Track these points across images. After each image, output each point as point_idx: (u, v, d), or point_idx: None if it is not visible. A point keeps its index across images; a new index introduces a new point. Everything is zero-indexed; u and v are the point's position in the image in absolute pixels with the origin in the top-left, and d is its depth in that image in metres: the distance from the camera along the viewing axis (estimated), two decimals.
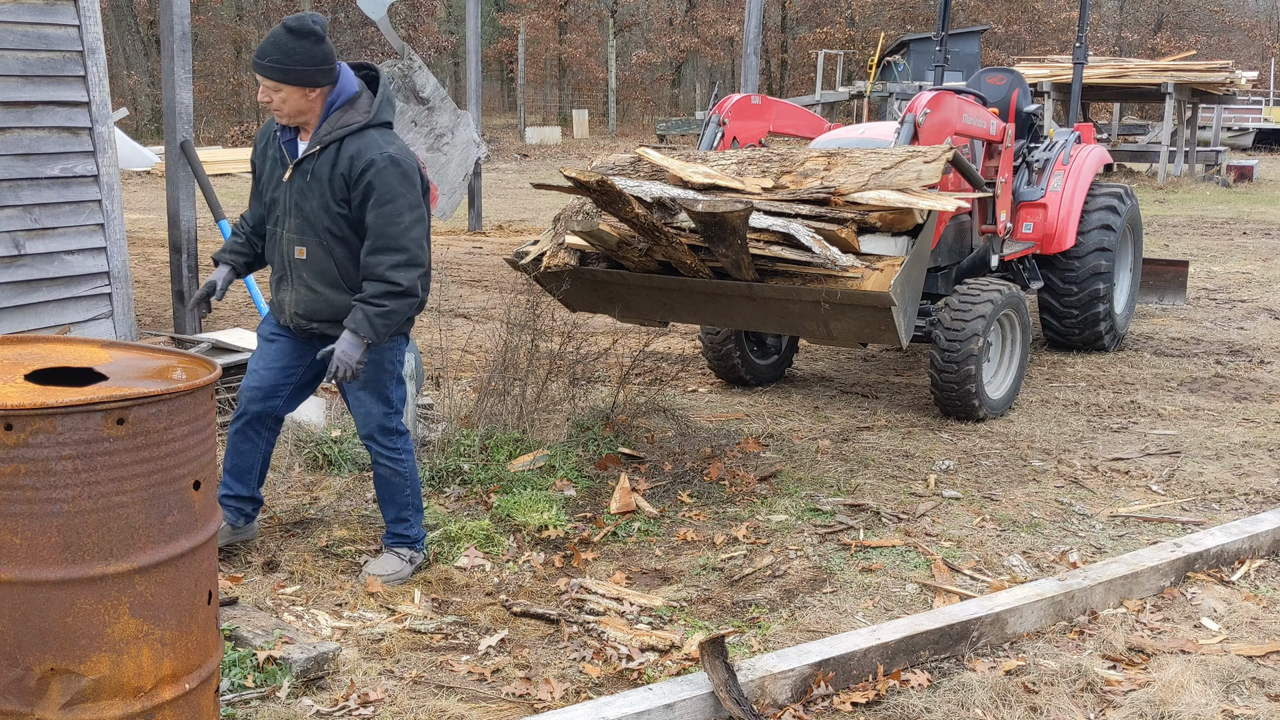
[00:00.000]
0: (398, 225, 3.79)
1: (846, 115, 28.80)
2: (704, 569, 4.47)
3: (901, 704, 3.43)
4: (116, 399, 2.44)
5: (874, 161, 5.47)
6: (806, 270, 5.24)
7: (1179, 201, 19.30)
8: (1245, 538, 4.56)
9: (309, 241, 3.94)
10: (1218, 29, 43.73)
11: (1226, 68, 21.89)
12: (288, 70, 3.71)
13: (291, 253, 3.98)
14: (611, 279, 5.81)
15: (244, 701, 3.32)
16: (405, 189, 3.80)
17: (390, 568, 4.24)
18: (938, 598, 4.15)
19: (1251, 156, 27.25)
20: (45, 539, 2.43)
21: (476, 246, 14.28)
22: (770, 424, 6.42)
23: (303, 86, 3.76)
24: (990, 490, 5.34)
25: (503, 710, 3.40)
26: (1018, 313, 6.57)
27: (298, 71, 3.71)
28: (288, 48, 3.68)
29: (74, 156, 6.38)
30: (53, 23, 6.21)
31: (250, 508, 4.40)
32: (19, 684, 2.47)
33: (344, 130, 3.80)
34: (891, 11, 39.18)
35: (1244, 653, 3.75)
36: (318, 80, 3.76)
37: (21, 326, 6.12)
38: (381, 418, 4.16)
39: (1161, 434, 6.25)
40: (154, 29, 35.23)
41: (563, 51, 43.90)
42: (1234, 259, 12.85)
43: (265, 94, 3.80)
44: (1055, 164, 7.77)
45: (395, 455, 4.21)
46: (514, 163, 28.11)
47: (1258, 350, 8.28)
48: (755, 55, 13.59)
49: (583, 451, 5.62)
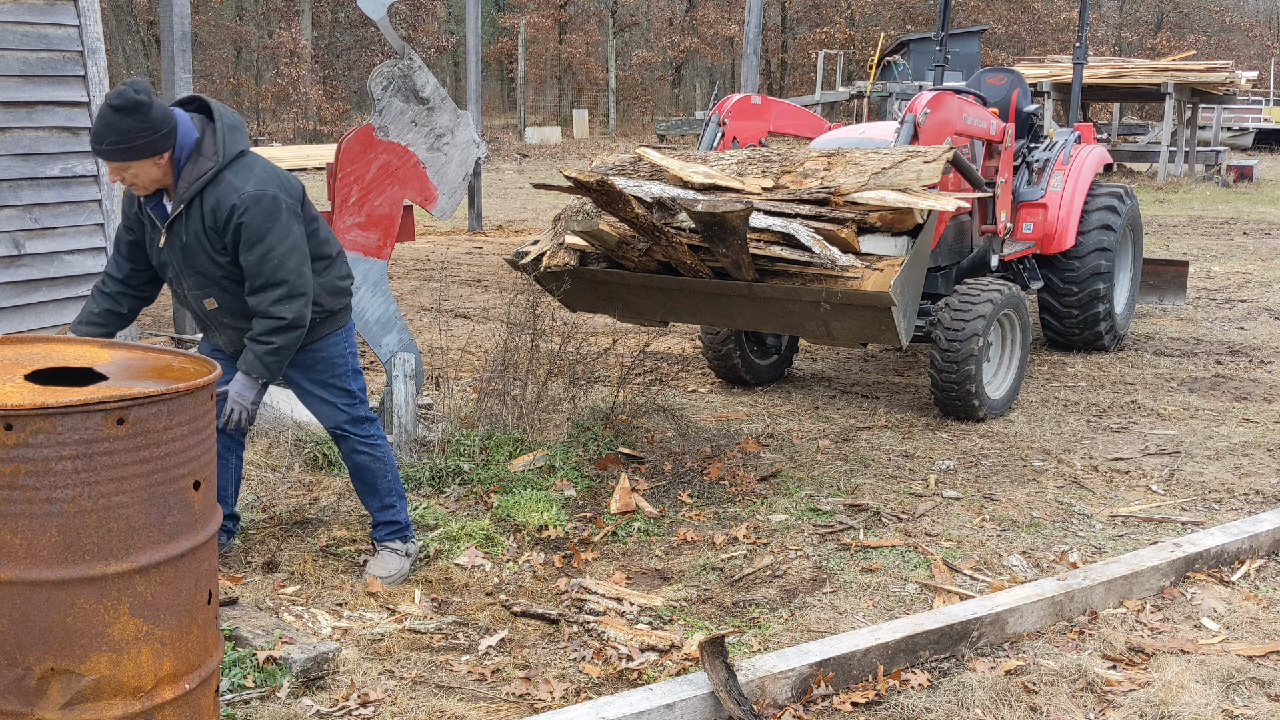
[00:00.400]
0: (270, 262, 3.71)
1: (846, 115, 28.81)
2: (704, 569, 4.47)
3: (901, 704, 3.43)
4: (116, 399, 2.44)
5: (874, 161, 5.47)
6: (806, 270, 5.24)
7: (1179, 201, 19.30)
8: (1245, 538, 4.56)
9: (213, 292, 3.89)
10: (1218, 29, 43.73)
11: (1226, 68, 21.89)
12: (129, 147, 3.58)
13: (202, 306, 3.95)
14: (611, 279, 5.81)
15: (244, 701, 3.32)
16: (271, 222, 3.71)
17: (391, 567, 4.25)
18: (938, 598, 4.15)
19: (1251, 156, 27.25)
20: (45, 539, 2.43)
21: (476, 246, 14.28)
22: (770, 424, 6.42)
23: (149, 157, 3.63)
24: (990, 490, 5.34)
25: (503, 710, 3.40)
26: (1018, 313, 6.57)
27: (139, 146, 3.58)
28: (121, 126, 3.54)
29: (74, 156, 6.39)
30: (53, 23, 6.21)
31: (231, 524, 4.41)
32: (19, 684, 2.47)
33: (200, 183, 3.69)
34: (891, 11, 39.19)
35: (1244, 653, 3.75)
36: (160, 147, 3.62)
37: (21, 326, 6.12)
38: (348, 409, 4.18)
39: (1161, 434, 6.25)
40: (154, 29, 35.25)
41: (563, 51, 43.91)
42: (1234, 259, 12.85)
43: (115, 174, 3.69)
44: (1055, 164, 7.77)
45: (370, 441, 4.23)
46: (514, 163, 28.11)
47: (1258, 350, 8.28)
48: (755, 55, 13.60)
49: (583, 451, 5.62)
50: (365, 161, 5.44)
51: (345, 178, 5.41)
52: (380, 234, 5.51)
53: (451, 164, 5.66)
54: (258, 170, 3.73)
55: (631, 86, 44.65)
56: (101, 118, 3.54)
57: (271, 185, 3.72)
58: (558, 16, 43.56)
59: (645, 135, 36.23)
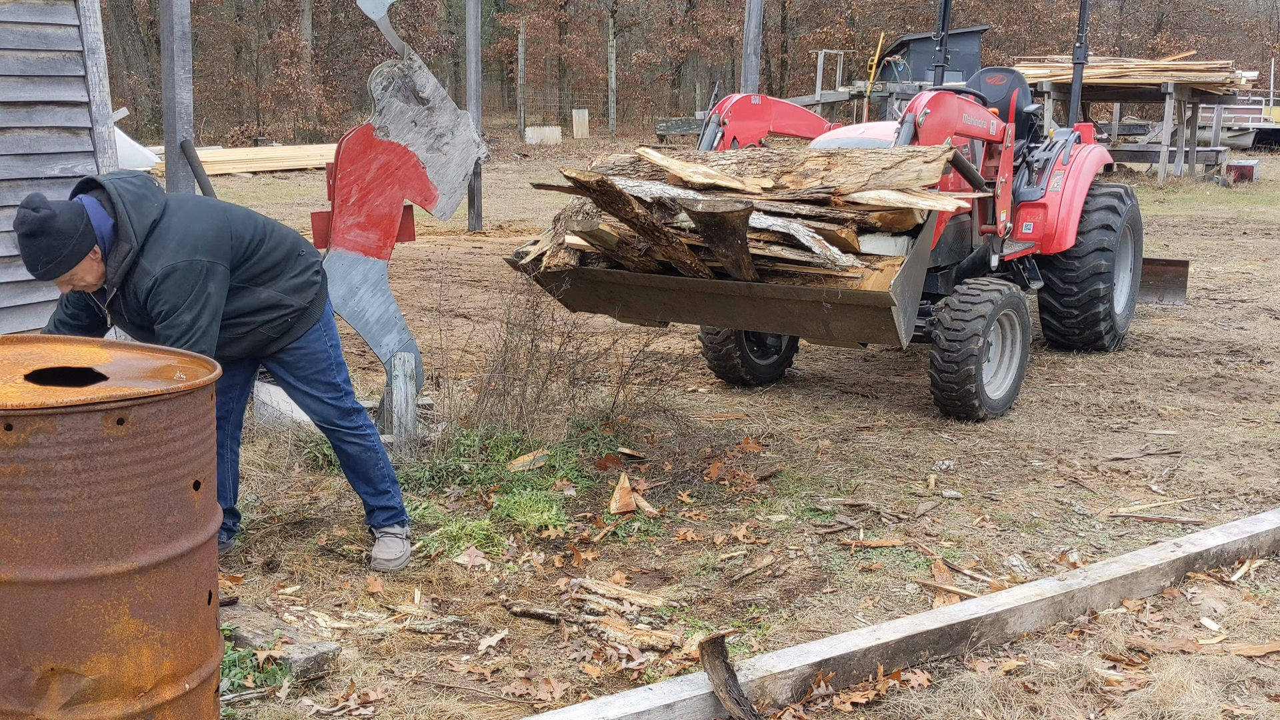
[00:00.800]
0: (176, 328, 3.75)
1: (846, 115, 28.80)
2: (704, 569, 4.47)
3: (901, 704, 3.43)
4: (116, 399, 2.44)
5: (874, 161, 5.47)
6: (806, 270, 5.24)
7: (1179, 201, 19.30)
8: (1245, 538, 4.56)
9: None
10: (1218, 29, 43.72)
11: (1226, 68, 21.89)
12: (62, 260, 3.60)
13: None
14: (611, 279, 5.81)
15: (244, 701, 3.32)
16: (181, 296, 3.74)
17: (395, 550, 4.33)
18: (938, 598, 4.15)
19: (1251, 156, 27.25)
20: (45, 539, 2.43)
21: (476, 246, 14.28)
22: (770, 424, 6.42)
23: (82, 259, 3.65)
24: (990, 490, 5.34)
25: (503, 710, 3.40)
26: (1018, 313, 6.57)
27: (69, 254, 3.60)
28: (43, 247, 3.56)
29: (74, 156, 6.38)
30: (53, 23, 6.20)
31: (231, 522, 4.44)
32: (19, 684, 2.47)
33: (124, 269, 3.72)
34: (891, 11, 39.18)
35: (1244, 653, 3.75)
36: (86, 246, 3.64)
37: (21, 326, 6.12)
38: (335, 402, 4.25)
39: (1161, 434, 6.25)
40: (154, 29, 35.24)
41: (563, 51, 43.90)
42: (1234, 259, 12.85)
43: (64, 286, 3.72)
44: (1055, 164, 7.77)
45: (360, 431, 4.30)
46: (514, 163, 28.11)
47: (1258, 350, 8.28)
48: (755, 55, 13.59)
49: (583, 451, 5.62)
50: (365, 161, 5.44)
51: (345, 178, 5.41)
52: (380, 234, 5.51)
53: (451, 164, 5.66)
54: (169, 243, 3.73)
55: (631, 86, 44.64)
56: (23, 249, 3.55)
57: (181, 254, 3.74)
58: (558, 16, 43.56)
59: (645, 135, 36.22)
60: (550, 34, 43.55)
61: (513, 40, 40.98)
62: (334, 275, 5.43)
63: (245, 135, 31.47)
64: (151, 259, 3.70)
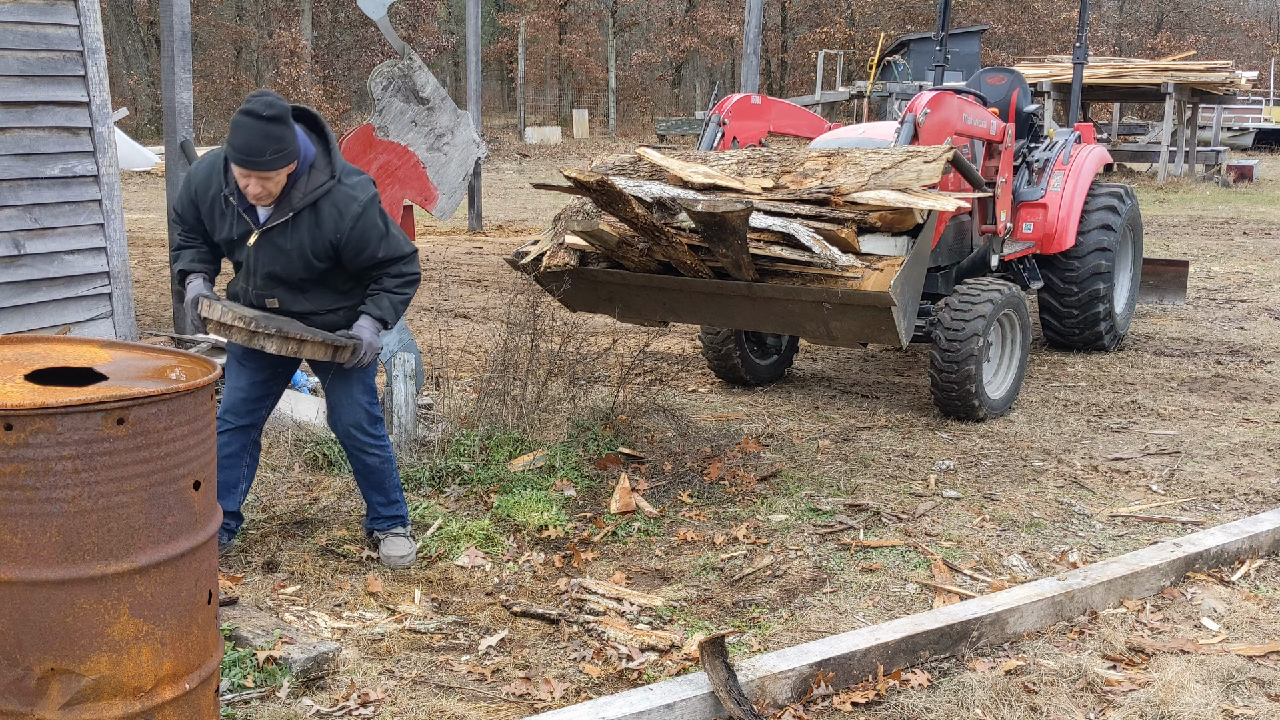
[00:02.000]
0: (395, 240, 4.05)
1: (846, 115, 28.80)
2: (704, 569, 4.47)
3: (901, 704, 3.43)
4: (116, 399, 2.44)
5: (874, 161, 5.47)
6: (806, 270, 5.24)
7: (1179, 201, 19.30)
8: (1245, 538, 4.56)
9: (279, 292, 4.05)
10: (1218, 29, 43.71)
11: (1226, 68, 21.89)
12: (286, 153, 3.71)
13: (261, 304, 4.08)
14: (611, 279, 5.81)
15: (244, 701, 3.32)
16: (383, 215, 4.03)
17: (404, 548, 4.41)
18: (938, 598, 4.15)
19: (1251, 156, 27.25)
20: (45, 539, 2.43)
21: (476, 246, 14.28)
22: (770, 424, 6.42)
23: (292, 163, 3.77)
24: (990, 490, 5.34)
25: (503, 710, 3.40)
26: (1018, 313, 6.57)
27: (290, 151, 3.73)
28: (278, 134, 3.66)
29: (74, 156, 6.38)
30: (53, 23, 6.20)
31: (234, 524, 4.44)
32: (19, 684, 2.47)
33: (316, 194, 3.85)
34: (891, 11, 39.18)
35: (1244, 653, 3.75)
36: (297, 155, 3.78)
37: (21, 326, 6.12)
38: (368, 406, 4.31)
39: (1161, 434, 6.25)
40: (154, 29, 35.25)
41: (563, 51, 43.89)
42: (1234, 259, 12.85)
43: (259, 185, 3.76)
44: (1055, 164, 7.77)
45: (381, 443, 4.38)
46: (514, 163, 28.11)
47: (1258, 350, 8.28)
48: (755, 55, 13.59)
49: (583, 451, 5.62)
50: (365, 161, 5.44)
51: None
52: None
53: (451, 164, 5.66)
54: (362, 177, 4.02)
55: (631, 86, 44.63)
56: (255, 129, 3.65)
57: (371, 188, 4.03)
58: (558, 16, 43.54)
59: (645, 135, 36.22)
60: (550, 34, 43.54)
61: (513, 40, 40.98)
62: None
63: None
64: (355, 188, 3.93)
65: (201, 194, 4.00)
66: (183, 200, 4.08)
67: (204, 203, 4.01)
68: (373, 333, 4.10)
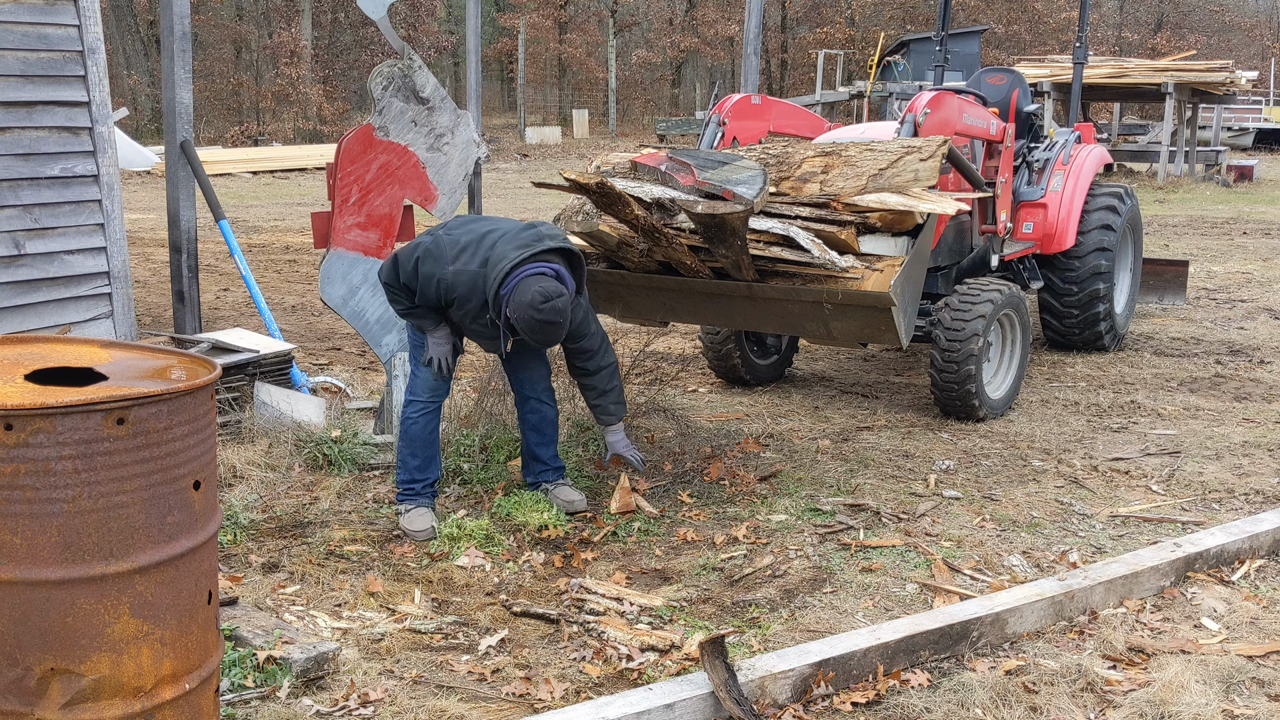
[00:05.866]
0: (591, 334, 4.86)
1: (846, 115, 28.80)
2: (704, 569, 4.47)
3: (901, 704, 3.43)
4: (116, 399, 2.44)
5: (870, 162, 5.46)
6: (806, 270, 5.24)
7: (1179, 201, 19.30)
8: (1245, 538, 4.56)
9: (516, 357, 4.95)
10: (1218, 29, 43.71)
11: (1226, 68, 21.87)
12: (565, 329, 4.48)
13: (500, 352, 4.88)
14: (611, 279, 5.81)
15: (244, 701, 3.32)
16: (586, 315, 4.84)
17: (575, 495, 4.99)
18: (938, 598, 4.15)
19: (1251, 156, 27.25)
20: (45, 539, 2.43)
21: None
22: (770, 424, 6.42)
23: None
24: (990, 490, 5.34)
25: (503, 710, 3.40)
26: (1018, 313, 6.57)
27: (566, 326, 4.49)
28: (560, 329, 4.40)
29: (74, 156, 6.38)
30: (53, 23, 6.20)
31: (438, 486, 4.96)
32: (19, 684, 2.47)
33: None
34: (891, 11, 39.17)
35: (1244, 653, 3.75)
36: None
37: (21, 326, 6.12)
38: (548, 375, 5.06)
39: (1161, 434, 6.25)
40: (154, 29, 35.24)
41: (563, 51, 43.89)
42: (1234, 259, 12.85)
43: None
44: (1055, 164, 7.76)
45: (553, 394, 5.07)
46: (514, 163, 28.11)
47: (1258, 350, 8.28)
48: (755, 55, 13.57)
49: (583, 451, 5.62)
50: (365, 161, 5.44)
51: (345, 178, 5.42)
52: (380, 234, 5.51)
53: (451, 164, 5.66)
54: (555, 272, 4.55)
55: (631, 86, 44.62)
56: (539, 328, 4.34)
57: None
58: (558, 16, 43.53)
59: (645, 135, 36.22)
60: (550, 34, 43.53)
61: (513, 40, 40.97)
62: (334, 275, 5.43)
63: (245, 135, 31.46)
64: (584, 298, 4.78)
65: (459, 300, 4.50)
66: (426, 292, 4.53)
67: (456, 304, 4.52)
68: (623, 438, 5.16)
